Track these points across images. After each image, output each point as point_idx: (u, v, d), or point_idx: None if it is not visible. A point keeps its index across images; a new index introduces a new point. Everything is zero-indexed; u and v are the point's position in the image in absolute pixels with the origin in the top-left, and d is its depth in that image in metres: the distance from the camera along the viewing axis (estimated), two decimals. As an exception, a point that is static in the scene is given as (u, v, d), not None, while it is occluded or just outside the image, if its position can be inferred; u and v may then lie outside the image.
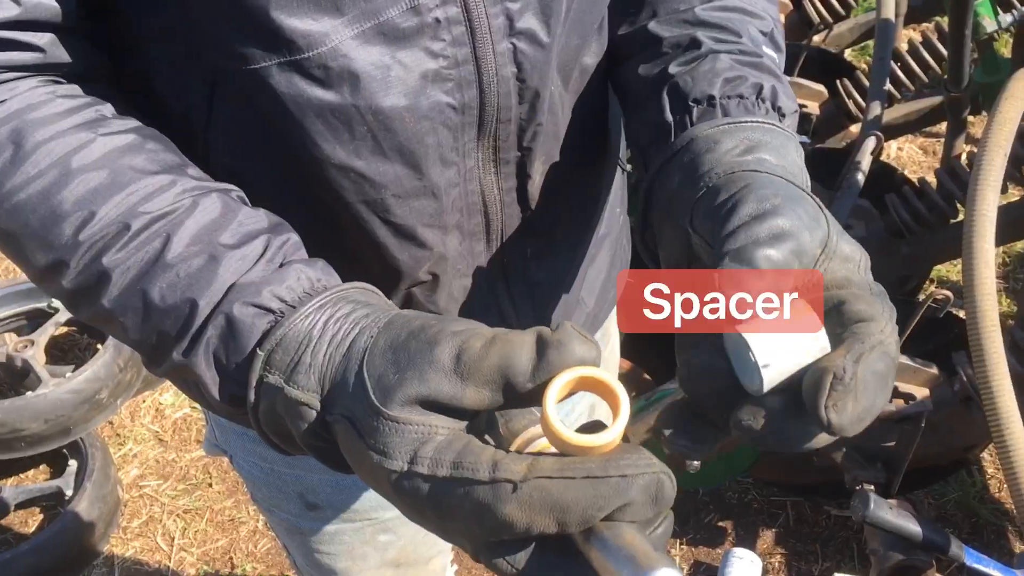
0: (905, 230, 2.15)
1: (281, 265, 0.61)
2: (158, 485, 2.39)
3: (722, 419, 0.59)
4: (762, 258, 0.57)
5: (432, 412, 0.52)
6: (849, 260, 0.61)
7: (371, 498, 1.07)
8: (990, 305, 1.34)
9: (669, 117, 0.72)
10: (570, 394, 0.52)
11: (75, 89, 0.67)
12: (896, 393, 1.76)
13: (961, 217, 2.14)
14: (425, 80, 0.69)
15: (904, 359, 1.76)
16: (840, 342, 0.56)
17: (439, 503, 0.51)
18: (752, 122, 0.68)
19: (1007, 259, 2.74)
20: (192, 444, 2.50)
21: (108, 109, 0.67)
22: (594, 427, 0.52)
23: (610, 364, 1.21)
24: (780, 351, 0.56)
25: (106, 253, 0.60)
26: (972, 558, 1.36)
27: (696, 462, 2.02)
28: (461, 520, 0.51)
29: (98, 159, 0.62)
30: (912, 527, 1.33)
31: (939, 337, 1.89)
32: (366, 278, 0.64)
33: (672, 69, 0.74)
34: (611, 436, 0.51)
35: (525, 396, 0.52)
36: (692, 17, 0.76)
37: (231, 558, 2.21)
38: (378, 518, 1.10)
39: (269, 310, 0.58)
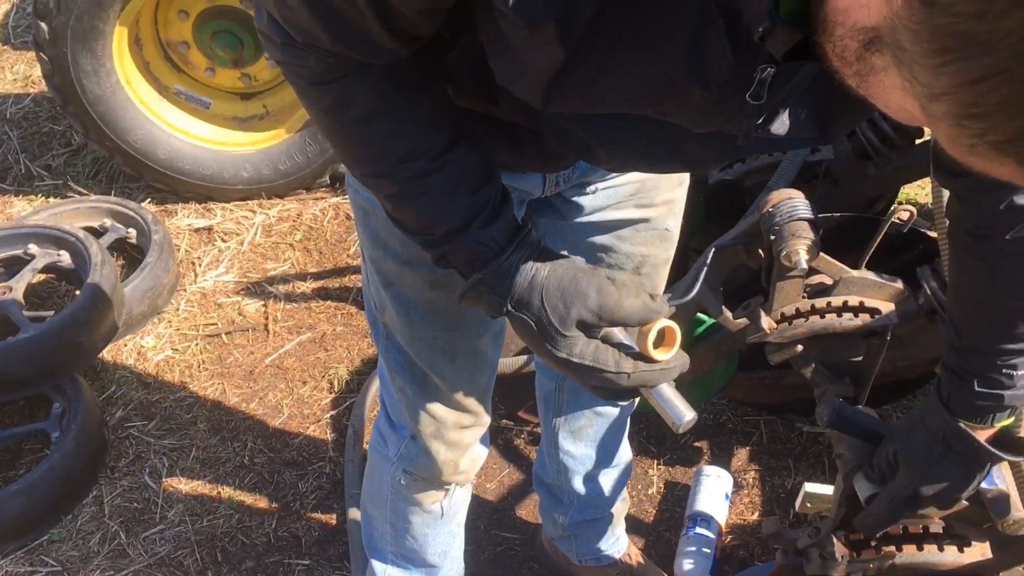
0: (872, 152, 2.18)
1: (495, 214, 1.02)
2: (143, 425, 2.42)
3: None
4: None
5: (580, 329, 1.01)
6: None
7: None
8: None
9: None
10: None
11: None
12: (862, 308, 1.80)
13: (927, 137, 2.17)
14: None
15: (870, 275, 1.80)
16: None
17: (580, 373, 1.02)
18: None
19: (974, 180, 2.78)
20: (175, 385, 2.53)
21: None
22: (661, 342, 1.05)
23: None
24: None
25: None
26: (932, 457, 1.41)
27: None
28: (591, 381, 1.03)
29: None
30: (875, 428, 1.38)
31: (904, 253, 1.93)
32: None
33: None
34: (672, 353, 1.05)
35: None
36: None
37: (219, 492, 2.26)
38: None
39: (488, 245, 1.02)
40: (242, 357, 2.61)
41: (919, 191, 2.91)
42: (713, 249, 1.90)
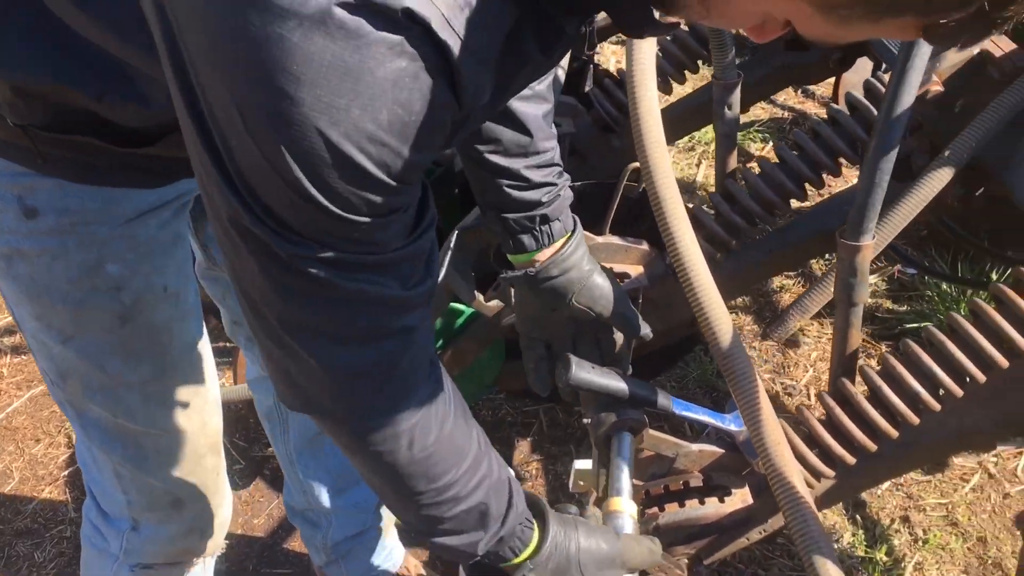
0: (612, 123, 2.16)
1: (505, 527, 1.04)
2: None
3: None
4: None
5: None
6: None
7: (96, 199, 0.97)
8: (669, 185, 1.53)
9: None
10: None
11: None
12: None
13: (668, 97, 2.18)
14: None
15: (614, 239, 1.76)
16: None
17: None
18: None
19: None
20: None
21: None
22: None
23: None
24: None
25: None
26: (680, 407, 1.36)
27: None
28: None
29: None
30: (617, 384, 1.31)
31: (648, 215, 1.90)
32: None
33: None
34: None
35: None
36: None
37: None
38: (95, 232, 0.97)
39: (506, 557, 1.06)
40: (-38, 422, 2.29)
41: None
42: (456, 232, 1.80)
